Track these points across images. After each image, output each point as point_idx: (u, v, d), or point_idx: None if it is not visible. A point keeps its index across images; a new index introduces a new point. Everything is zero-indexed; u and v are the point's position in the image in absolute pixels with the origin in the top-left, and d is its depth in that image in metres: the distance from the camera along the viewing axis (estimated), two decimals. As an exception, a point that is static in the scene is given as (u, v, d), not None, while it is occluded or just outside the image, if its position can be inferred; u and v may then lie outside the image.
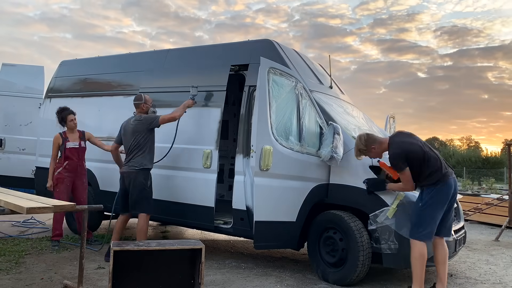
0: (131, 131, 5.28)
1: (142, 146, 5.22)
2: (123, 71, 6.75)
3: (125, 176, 5.24)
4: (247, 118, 5.28)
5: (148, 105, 5.43)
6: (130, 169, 5.20)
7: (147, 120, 5.28)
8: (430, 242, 4.13)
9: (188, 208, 5.51)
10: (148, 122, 5.27)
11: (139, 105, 5.40)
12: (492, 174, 29.52)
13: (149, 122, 5.27)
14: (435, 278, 4.99)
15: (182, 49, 6.45)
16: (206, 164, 5.37)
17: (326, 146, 4.62)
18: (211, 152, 5.36)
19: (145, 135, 5.25)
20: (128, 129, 5.33)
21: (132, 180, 5.16)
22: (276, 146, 4.55)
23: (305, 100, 4.87)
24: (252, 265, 5.36)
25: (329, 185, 4.80)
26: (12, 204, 3.53)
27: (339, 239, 4.58)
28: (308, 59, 6.13)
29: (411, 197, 4.38)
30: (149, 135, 5.29)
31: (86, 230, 3.87)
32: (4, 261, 4.97)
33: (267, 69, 4.59)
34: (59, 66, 7.72)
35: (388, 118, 7.24)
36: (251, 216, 4.82)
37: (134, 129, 5.26)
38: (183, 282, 3.80)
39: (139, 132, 5.24)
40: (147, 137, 5.27)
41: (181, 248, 3.76)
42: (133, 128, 5.27)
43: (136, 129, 5.25)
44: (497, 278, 5.13)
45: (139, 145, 5.22)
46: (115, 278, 3.51)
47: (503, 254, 6.55)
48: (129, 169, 5.20)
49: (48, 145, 7.27)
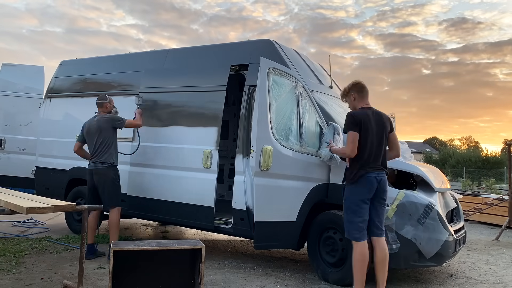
0: (96, 129, 5.46)
1: (109, 144, 5.46)
2: (123, 71, 6.75)
3: (94, 173, 5.45)
4: (247, 118, 5.28)
5: (111, 104, 5.70)
6: (99, 166, 5.42)
7: (114, 119, 5.55)
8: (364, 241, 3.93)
9: (188, 208, 5.51)
10: (114, 121, 5.54)
11: (103, 104, 5.63)
12: (492, 174, 29.51)
13: (116, 121, 5.55)
14: (435, 278, 5.00)
15: (182, 49, 6.45)
16: (206, 164, 5.37)
17: (326, 146, 4.62)
18: (211, 152, 5.37)
19: (110, 133, 5.50)
20: (93, 127, 5.50)
21: (103, 176, 5.40)
22: (276, 146, 4.55)
23: (305, 100, 4.87)
24: (252, 265, 5.36)
25: (329, 185, 4.80)
26: (12, 204, 3.53)
27: (339, 239, 4.58)
28: (308, 59, 6.13)
29: (411, 197, 4.38)
30: (113, 133, 5.56)
31: (86, 230, 3.87)
32: (4, 261, 4.97)
33: (267, 69, 4.59)
34: (59, 66, 7.72)
35: (388, 118, 7.24)
36: (251, 216, 4.83)
37: (100, 127, 5.45)
38: (183, 282, 3.80)
39: (105, 130, 5.46)
40: (113, 135, 5.54)
41: (181, 248, 3.76)
42: (98, 126, 5.46)
43: (102, 127, 5.45)
44: (497, 278, 5.13)
45: (106, 143, 5.44)
46: (115, 278, 3.52)
47: (503, 254, 6.56)
48: (98, 166, 5.42)
49: (48, 145, 7.29)
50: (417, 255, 4.35)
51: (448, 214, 4.90)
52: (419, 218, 4.32)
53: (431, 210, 4.33)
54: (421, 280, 4.93)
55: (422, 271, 5.26)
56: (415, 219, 4.32)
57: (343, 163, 4.63)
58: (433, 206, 4.35)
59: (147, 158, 5.95)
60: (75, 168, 6.85)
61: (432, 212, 4.33)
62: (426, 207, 4.33)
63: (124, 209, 5.99)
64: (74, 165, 6.84)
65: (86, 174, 5.62)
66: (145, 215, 6.17)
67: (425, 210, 4.33)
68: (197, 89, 5.79)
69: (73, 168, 6.86)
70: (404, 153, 5.17)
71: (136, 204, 5.98)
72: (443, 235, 4.35)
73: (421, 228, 4.31)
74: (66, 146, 6.55)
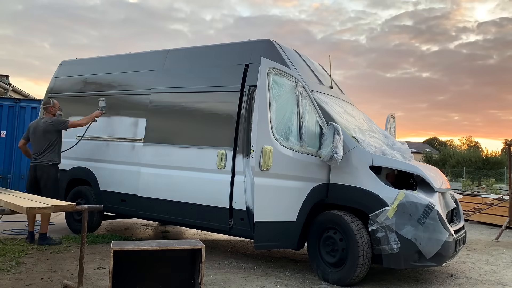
0: (42, 131, 6.13)
1: (53, 145, 6.14)
2: (123, 71, 6.76)
3: (38, 168, 6.07)
4: (247, 118, 5.28)
5: (56, 108, 6.35)
6: (43, 163, 6.07)
7: (57, 123, 6.21)
8: None
9: (202, 209, 5.44)
10: (58, 124, 6.20)
11: (48, 108, 6.31)
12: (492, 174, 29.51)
13: (59, 124, 6.20)
14: (435, 278, 5.01)
15: (182, 49, 6.45)
16: (220, 165, 5.36)
17: (326, 146, 4.62)
18: (225, 153, 5.35)
19: (55, 135, 6.17)
20: (39, 129, 6.17)
21: (46, 173, 6.05)
22: (276, 146, 4.55)
23: (305, 100, 4.86)
24: (252, 265, 5.36)
25: (329, 185, 4.80)
26: (12, 204, 3.53)
27: (339, 239, 4.58)
28: (308, 59, 6.13)
29: (411, 197, 4.38)
30: (58, 135, 6.24)
31: (86, 230, 3.87)
32: (4, 261, 4.97)
33: (267, 69, 4.59)
34: (59, 66, 7.73)
35: (389, 118, 7.25)
36: (251, 216, 4.82)
37: (45, 130, 6.12)
38: (183, 282, 3.80)
39: (50, 133, 6.13)
40: (57, 136, 6.22)
41: (181, 248, 3.75)
42: (44, 129, 6.13)
43: (48, 130, 6.12)
44: (497, 278, 5.13)
45: (51, 144, 6.12)
46: (115, 278, 3.51)
47: (503, 254, 6.55)
48: (42, 163, 6.07)
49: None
50: (417, 255, 4.34)
51: (448, 214, 4.90)
52: (419, 218, 4.32)
53: (431, 210, 4.33)
54: (421, 280, 4.93)
55: (422, 271, 5.26)
56: (415, 219, 4.32)
57: (343, 163, 4.63)
58: (433, 206, 4.35)
59: (159, 160, 5.93)
60: (75, 168, 6.86)
61: (432, 212, 4.33)
62: (426, 207, 4.33)
63: (135, 211, 6.00)
64: (74, 165, 6.85)
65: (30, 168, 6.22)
66: (157, 216, 6.04)
67: (425, 210, 4.32)
68: (197, 89, 5.80)
69: (73, 168, 6.87)
70: (404, 153, 5.17)
71: (149, 205, 5.94)
72: (443, 235, 4.34)
73: (421, 228, 4.30)
74: (66, 146, 6.55)
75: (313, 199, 4.76)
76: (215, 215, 5.34)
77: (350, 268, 4.45)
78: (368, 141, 4.90)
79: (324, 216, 4.73)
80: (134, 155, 6.18)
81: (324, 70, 6.45)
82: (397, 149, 5.18)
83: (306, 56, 6.14)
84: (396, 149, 5.16)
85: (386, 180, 4.73)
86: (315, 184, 4.76)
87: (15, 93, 15.36)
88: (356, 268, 4.40)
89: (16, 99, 11.57)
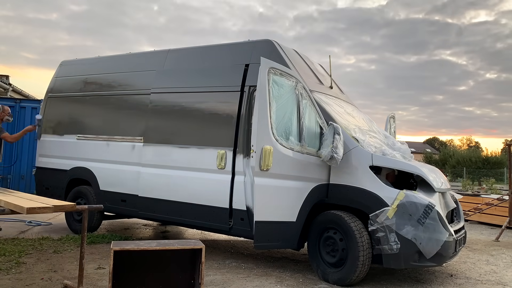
0: None
1: None
2: (124, 71, 6.76)
3: None
4: (247, 118, 5.28)
5: (4, 113, 6.78)
6: None
7: None
8: None
9: (202, 209, 5.44)
10: None
11: None
12: (492, 174, 29.51)
13: None
14: (435, 278, 5.01)
15: (182, 50, 6.45)
16: (220, 165, 5.36)
17: (326, 146, 4.62)
18: (225, 153, 5.35)
19: None
20: None
21: None
22: (276, 146, 4.55)
23: (305, 100, 4.86)
24: (252, 265, 5.36)
25: (329, 185, 4.80)
26: (12, 204, 3.54)
27: (339, 239, 4.58)
28: (308, 59, 6.13)
29: (411, 197, 4.38)
30: None
31: (86, 230, 3.87)
32: (4, 261, 4.97)
33: (267, 69, 4.59)
34: (59, 66, 7.73)
35: (389, 118, 7.25)
36: (251, 216, 4.82)
37: None
38: (183, 282, 3.80)
39: None
40: None
41: (181, 248, 3.75)
42: None
43: None
44: (497, 278, 5.13)
45: None
46: (115, 278, 3.51)
47: (503, 254, 6.55)
48: None
49: (48, 145, 7.30)
50: (417, 255, 4.35)
51: (448, 214, 4.90)
52: (419, 218, 4.32)
53: (431, 210, 4.33)
54: (421, 280, 4.93)
55: (422, 271, 5.26)
56: (415, 219, 4.32)
57: (343, 163, 4.63)
58: (433, 206, 4.35)
59: (159, 160, 5.92)
60: (75, 168, 6.86)
61: (432, 212, 4.33)
62: (426, 207, 4.33)
63: (135, 211, 5.98)
64: (74, 165, 6.85)
65: None
66: (157, 216, 6.04)
67: (425, 210, 4.32)
68: (197, 90, 5.80)
69: (73, 168, 6.87)
70: (404, 153, 5.17)
71: (148, 205, 5.94)
72: (443, 235, 4.35)
73: (421, 228, 4.30)
74: (66, 146, 6.55)
75: (313, 199, 4.76)
76: (215, 215, 5.34)
77: (350, 268, 4.45)
78: (368, 141, 4.90)
79: (324, 216, 4.73)
80: (134, 155, 6.18)
81: (324, 70, 6.45)
82: (397, 149, 5.18)
83: (306, 56, 6.14)
84: (396, 149, 5.16)
85: (386, 180, 4.73)
86: (315, 184, 4.76)
87: (15, 93, 15.38)
88: (356, 268, 4.40)
89: (16, 99, 11.60)
